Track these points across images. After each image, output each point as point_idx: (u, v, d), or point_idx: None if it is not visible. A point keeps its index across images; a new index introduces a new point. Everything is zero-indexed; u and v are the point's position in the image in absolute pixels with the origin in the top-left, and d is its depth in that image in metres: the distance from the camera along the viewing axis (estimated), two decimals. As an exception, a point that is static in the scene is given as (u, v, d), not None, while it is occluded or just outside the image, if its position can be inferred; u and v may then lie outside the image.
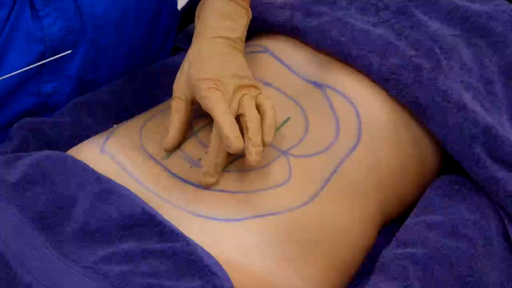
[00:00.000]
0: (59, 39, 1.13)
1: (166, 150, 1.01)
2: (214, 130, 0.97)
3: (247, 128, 0.96)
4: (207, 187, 0.96)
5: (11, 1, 1.09)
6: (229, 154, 0.97)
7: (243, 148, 0.95)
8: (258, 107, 0.99)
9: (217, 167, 0.96)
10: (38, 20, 1.11)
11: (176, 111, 1.01)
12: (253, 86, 1.01)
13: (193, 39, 1.05)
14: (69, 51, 1.10)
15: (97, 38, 1.17)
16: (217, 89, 0.97)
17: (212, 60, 1.01)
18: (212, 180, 0.96)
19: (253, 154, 0.95)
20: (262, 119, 0.98)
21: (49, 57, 1.10)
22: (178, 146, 1.01)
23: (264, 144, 0.96)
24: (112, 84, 1.19)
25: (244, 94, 0.99)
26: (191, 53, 1.03)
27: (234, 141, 0.94)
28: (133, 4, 1.20)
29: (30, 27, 1.10)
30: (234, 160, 0.99)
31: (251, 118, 0.97)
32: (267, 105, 0.99)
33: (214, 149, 0.96)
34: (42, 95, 1.16)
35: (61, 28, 1.13)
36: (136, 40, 1.24)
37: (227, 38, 1.04)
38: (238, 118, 0.98)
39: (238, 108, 0.98)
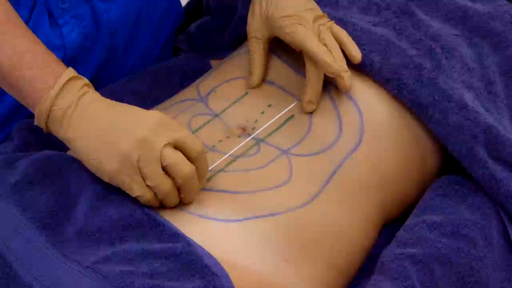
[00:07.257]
0: (77, 46, 1.14)
1: (252, 88, 1.09)
2: (308, 63, 1.04)
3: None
4: (308, 112, 1.05)
5: (28, 12, 1.10)
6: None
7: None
8: (334, 36, 1.07)
9: (318, 95, 1.05)
10: (57, 28, 1.12)
11: (255, 51, 1.09)
12: (323, 16, 1.08)
13: None
14: None
15: (110, 42, 1.17)
16: (300, 24, 1.05)
17: None
18: (313, 107, 1.05)
19: (345, 79, 1.04)
20: (341, 45, 1.06)
21: (68, 65, 1.10)
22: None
23: (355, 60, 1.06)
24: (112, 84, 1.19)
25: (320, 25, 1.06)
26: None
27: (335, 65, 1.03)
28: (145, 8, 1.21)
29: (49, 35, 1.11)
30: (235, 161, 1.00)
31: (334, 47, 1.05)
32: (342, 34, 1.08)
33: (313, 79, 1.04)
34: None
35: (79, 35, 1.13)
36: (144, 42, 1.24)
37: None
38: None
39: (319, 38, 1.05)
